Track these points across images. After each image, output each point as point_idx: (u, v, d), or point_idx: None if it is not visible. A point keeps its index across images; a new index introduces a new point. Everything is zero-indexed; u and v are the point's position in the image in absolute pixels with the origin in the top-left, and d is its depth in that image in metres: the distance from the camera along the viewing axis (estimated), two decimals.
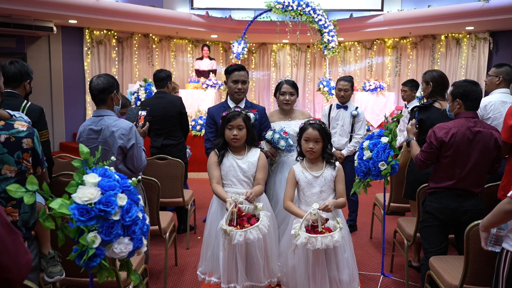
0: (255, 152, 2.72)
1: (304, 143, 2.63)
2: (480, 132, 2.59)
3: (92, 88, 2.57)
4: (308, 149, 2.59)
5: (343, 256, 2.43)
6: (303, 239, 2.23)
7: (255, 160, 2.67)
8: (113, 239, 1.59)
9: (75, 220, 1.55)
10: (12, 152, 1.81)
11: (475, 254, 2.27)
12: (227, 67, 3.13)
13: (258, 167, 2.67)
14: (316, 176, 2.60)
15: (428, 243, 2.79)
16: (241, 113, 2.66)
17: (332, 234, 2.25)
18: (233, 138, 2.63)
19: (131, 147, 2.58)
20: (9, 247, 1.18)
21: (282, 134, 3.02)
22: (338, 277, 2.39)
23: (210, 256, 2.65)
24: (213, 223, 2.66)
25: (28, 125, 1.90)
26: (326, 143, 2.63)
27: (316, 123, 2.63)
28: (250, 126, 2.71)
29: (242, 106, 3.07)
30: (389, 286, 3.31)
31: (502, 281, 1.99)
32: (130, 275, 1.71)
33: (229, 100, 3.15)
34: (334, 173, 2.61)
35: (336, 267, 2.39)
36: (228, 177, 2.65)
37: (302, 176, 2.62)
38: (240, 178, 2.64)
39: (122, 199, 1.63)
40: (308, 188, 2.60)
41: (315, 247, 2.22)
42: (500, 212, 1.92)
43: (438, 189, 2.71)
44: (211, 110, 3.15)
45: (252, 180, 2.68)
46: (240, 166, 2.65)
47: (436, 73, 3.38)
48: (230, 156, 2.67)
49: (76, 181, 1.63)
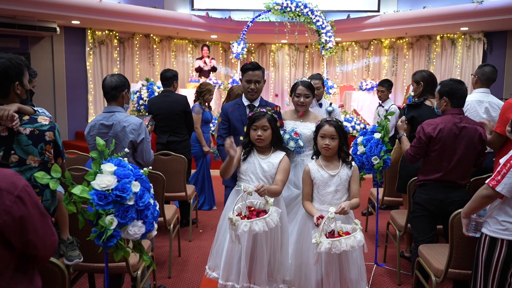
0: (279, 154, 2.68)
1: (320, 140, 2.61)
2: (465, 127, 2.77)
3: (105, 85, 2.75)
4: (324, 145, 2.57)
5: (353, 255, 2.44)
6: (327, 245, 2.21)
7: (276, 162, 2.64)
8: (128, 222, 1.77)
9: (94, 205, 1.72)
10: (36, 144, 1.98)
11: (458, 241, 2.45)
12: (243, 64, 3.10)
13: (279, 168, 2.62)
14: (332, 175, 2.57)
15: (417, 233, 2.97)
16: (267, 113, 2.64)
17: (355, 235, 2.27)
18: (257, 138, 2.61)
19: (141, 141, 2.76)
20: (38, 228, 1.36)
21: (292, 135, 3.00)
22: (348, 276, 2.41)
23: (215, 250, 2.65)
24: (225, 217, 2.62)
25: (49, 119, 2.07)
26: (343, 141, 2.61)
27: (333, 121, 2.63)
28: (276, 127, 2.67)
29: (256, 104, 3.07)
30: (382, 274, 3.49)
31: (481, 263, 2.17)
32: (143, 255, 1.89)
33: (243, 97, 3.14)
34: (350, 172, 2.59)
35: (347, 266, 2.41)
36: (247, 172, 2.65)
37: (317, 174, 2.59)
38: (259, 176, 2.62)
39: (136, 186, 1.81)
40: (324, 187, 2.58)
41: (340, 250, 2.21)
42: (478, 197, 2.11)
43: (427, 181, 2.88)
44: (225, 107, 3.16)
45: (271, 181, 2.63)
46: (261, 165, 2.63)
47: (426, 73, 3.56)
48: (254, 155, 2.67)
49: (94, 170, 1.80)
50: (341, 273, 2.40)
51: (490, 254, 2.13)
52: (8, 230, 1.27)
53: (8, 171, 1.33)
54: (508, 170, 2.00)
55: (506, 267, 2.11)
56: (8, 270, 1.31)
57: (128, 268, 2.47)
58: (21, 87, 1.97)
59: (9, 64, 1.90)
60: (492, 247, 2.12)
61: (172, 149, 4.26)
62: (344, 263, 2.40)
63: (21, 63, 1.97)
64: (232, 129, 3.06)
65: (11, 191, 1.27)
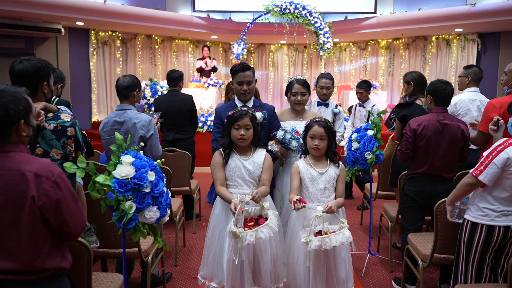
0: (261, 152, 2.66)
1: (309, 140, 2.63)
2: (448, 124, 3.00)
3: (118, 85, 2.99)
4: (314, 146, 2.59)
5: (341, 255, 2.48)
6: (317, 242, 2.26)
7: (260, 161, 2.61)
8: (145, 207, 2.00)
9: (115, 191, 1.95)
10: (59, 138, 2.20)
11: (443, 228, 2.68)
12: (232, 66, 3.05)
13: (264, 168, 2.61)
14: (321, 173, 2.60)
15: (407, 222, 3.19)
16: (248, 112, 2.60)
17: (343, 231, 2.34)
18: (240, 138, 2.55)
19: (150, 137, 2.99)
20: (71, 209, 1.59)
21: (293, 134, 2.91)
22: (335, 275, 2.45)
23: (211, 259, 2.59)
24: (216, 225, 2.60)
25: (71, 116, 2.30)
26: (331, 141, 2.64)
27: (322, 121, 2.64)
28: (257, 126, 2.65)
29: (250, 105, 2.98)
30: (375, 262, 3.72)
31: (463, 246, 2.41)
32: (157, 238, 2.11)
33: (236, 99, 3.08)
34: (337, 171, 2.64)
35: (334, 266, 2.45)
36: (233, 178, 2.58)
37: (306, 172, 2.61)
38: (246, 179, 2.57)
39: (152, 176, 2.03)
40: (312, 184, 2.60)
41: (330, 246, 2.26)
42: (462, 185, 2.34)
43: (415, 175, 3.11)
44: (218, 110, 3.09)
45: (257, 181, 2.61)
46: (246, 167, 2.58)
47: (416, 73, 3.78)
48: (235, 157, 2.60)
49: (114, 161, 2.03)
50: (329, 272, 2.44)
51: (471, 237, 2.37)
52: (47, 211, 1.49)
53: (45, 161, 1.56)
54: (490, 161, 2.23)
55: (485, 250, 2.35)
56: (47, 245, 1.54)
57: (140, 254, 2.69)
58: (47, 87, 2.20)
59: (40, 66, 2.13)
60: (473, 231, 2.36)
61: (178, 146, 4.48)
62: (331, 262, 2.43)
63: (49, 65, 2.20)
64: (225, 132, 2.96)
65: (49, 177, 1.50)
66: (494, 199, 2.30)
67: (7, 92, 1.49)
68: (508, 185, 2.24)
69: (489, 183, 2.24)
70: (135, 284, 3.27)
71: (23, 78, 2.10)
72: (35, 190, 1.45)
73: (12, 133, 1.50)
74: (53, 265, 1.54)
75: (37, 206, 1.46)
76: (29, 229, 1.47)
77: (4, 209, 1.44)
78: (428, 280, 3.39)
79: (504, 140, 2.28)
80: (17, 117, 1.49)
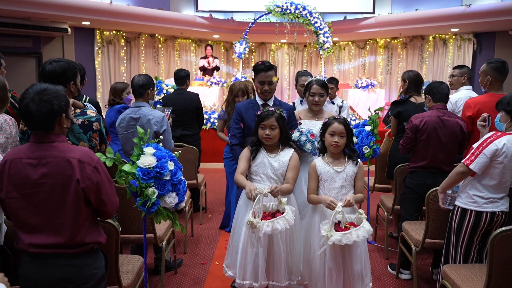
0: (288, 151, 2.71)
1: (328, 137, 2.63)
2: (447, 120, 3.22)
3: (133, 84, 3.23)
4: (333, 142, 2.60)
5: (357, 251, 2.49)
6: (338, 237, 2.28)
7: (286, 160, 2.67)
8: (165, 193, 2.23)
9: (140, 179, 2.18)
10: (86, 132, 2.43)
11: (434, 214, 2.92)
12: (255, 64, 3.10)
13: (290, 166, 2.66)
14: (338, 171, 2.62)
15: (405, 212, 3.42)
16: (275, 112, 2.67)
17: (363, 225, 2.37)
18: (265, 137, 2.64)
19: (163, 132, 3.22)
20: (108, 190, 1.82)
21: (309, 136, 2.94)
22: (350, 271, 2.47)
23: (232, 249, 2.69)
24: (239, 216, 2.69)
25: (95, 112, 2.52)
26: (350, 139, 2.66)
27: (341, 118, 2.67)
28: (284, 126, 2.70)
29: (270, 104, 3.07)
30: (373, 250, 3.96)
31: (454, 230, 2.66)
32: (175, 221, 2.35)
33: (257, 97, 3.15)
34: (355, 169, 2.64)
35: (350, 262, 2.48)
36: (257, 172, 2.67)
37: (324, 170, 2.63)
38: (269, 175, 2.65)
39: (171, 165, 2.27)
40: (329, 182, 2.62)
41: (351, 241, 2.29)
42: (454, 174, 2.59)
43: (417, 168, 3.31)
44: (238, 107, 3.15)
45: (281, 179, 2.67)
46: (271, 164, 2.65)
47: (412, 73, 4.01)
48: (263, 154, 2.69)
49: (137, 152, 2.26)
50: (345, 268, 2.47)
51: (461, 222, 2.61)
52: (89, 192, 1.73)
53: (86, 149, 1.79)
54: (480, 152, 2.48)
55: (473, 233, 2.59)
56: (87, 221, 1.78)
57: (156, 238, 2.93)
58: (74, 86, 2.42)
59: (67, 67, 2.36)
60: (462, 216, 2.61)
61: (185, 141, 4.71)
62: (347, 258, 2.46)
63: (76, 66, 2.43)
64: (246, 129, 3.06)
65: (90, 163, 1.74)
66: (483, 187, 2.54)
67: (50, 90, 1.72)
68: (495, 174, 2.48)
69: (478, 172, 2.48)
70: (148, 269, 3.51)
71: (52, 78, 2.32)
72: (79, 174, 1.68)
73: (55, 125, 1.73)
74: (92, 239, 1.78)
75: (81, 188, 1.69)
76: (74, 208, 1.70)
77: (52, 191, 1.68)
78: (422, 266, 3.63)
79: (492, 133, 2.52)
80: (59, 111, 1.72)
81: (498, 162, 2.46)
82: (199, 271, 3.52)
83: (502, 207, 2.53)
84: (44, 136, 1.72)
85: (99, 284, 1.83)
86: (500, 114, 2.59)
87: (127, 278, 2.35)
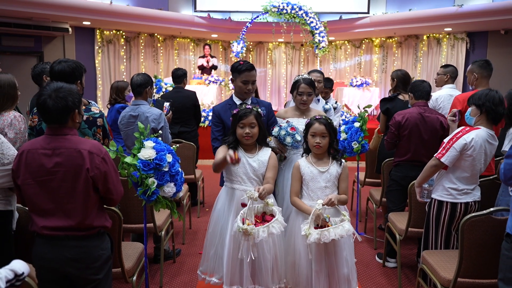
0: (266, 151, 2.66)
1: (310, 138, 2.61)
2: (428, 116, 3.41)
3: (132, 83, 3.42)
4: (315, 143, 2.57)
5: (342, 254, 2.47)
6: (316, 235, 2.26)
7: (265, 159, 2.62)
8: (164, 183, 2.42)
9: (140, 170, 2.37)
10: (90, 127, 2.62)
11: (416, 205, 3.11)
12: (235, 64, 2.97)
13: (269, 166, 2.61)
14: (322, 171, 2.58)
15: (391, 203, 3.62)
16: (253, 110, 2.60)
17: (343, 224, 2.32)
18: (245, 136, 2.56)
19: (160, 128, 3.41)
20: (114, 179, 2.01)
21: (288, 130, 2.88)
22: (337, 274, 2.45)
23: (212, 255, 2.63)
24: (219, 220, 2.65)
25: (99, 109, 2.71)
26: (333, 139, 2.62)
27: (323, 118, 2.63)
28: (262, 124, 2.64)
29: (248, 103, 2.97)
30: (362, 241, 4.16)
31: (432, 222, 2.84)
32: (174, 209, 2.54)
33: (234, 97, 3.04)
34: (339, 170, 2.60)
35: (336, 265, 2.46)
36: (238, 174, 2.60)
37: (307, 170, 2.60)
38: (250, 176, 2.59)
39: (169, 157, 2.45)
40: (313, 182, 2.58)
41: (329, 239, 2.25)
42: (428, 168, 2.77)
43: (401, 162, 3.50)
44: (216, 109, 3.03)
45: (261, 179, 2.62)
46: (250, 164, 2.59)
47: (401, 72, 4.20)
48: (241, 154, 2.60)
49: (138, 146, 2.45)
50: (331, 270, 2.45)
51: (439, 214, 2.80)
52: (97, 180, 1.92)
53: (95, 142, 1.98)
54: (450, 146, 2.66)
55: (450, 223, 2.78)
56: (95, 207, 1.97)
57: (155, 228, 3.12)
58: (80, 85, 2.61)
59: (75, 66, 2.54)
60: (439, 208, 2.79)
61: (183, 138, 4.89)
62: (333, 261, 2.45)
63: (82, 66, 2.61)
64: (226, 130, 2.93)
65: (99, 154, 1.93)
66: (457, 179, 2.72)
67: (66, 88, 1.91)
68: (466, 166, 2.67)
69: (449, 164, 2.67)
70: (148, 258, 3.70)
71: (61, 77, 2.50)
72: (89, 163, 1.87)
73: (69, 120, 1.92)
74: (100, 223, 1.97)
75: (91, 176, 1.88)
76: (83, 195, 1.89)
77: (64, 179, 1.87)
78: (408, 255, 3.83)
79: (462, 128, 2.71)
80: (73, 107, 1.91)
81: (468, 156, 2.64)
82: (196, 260, 3.71)
83: (475, 197, 2.72)
84: (58, 129, 1.90)
85: (106, 264, 2.02)
86: (471, 108, 2.77)
87: (128, 262, 2.54)
